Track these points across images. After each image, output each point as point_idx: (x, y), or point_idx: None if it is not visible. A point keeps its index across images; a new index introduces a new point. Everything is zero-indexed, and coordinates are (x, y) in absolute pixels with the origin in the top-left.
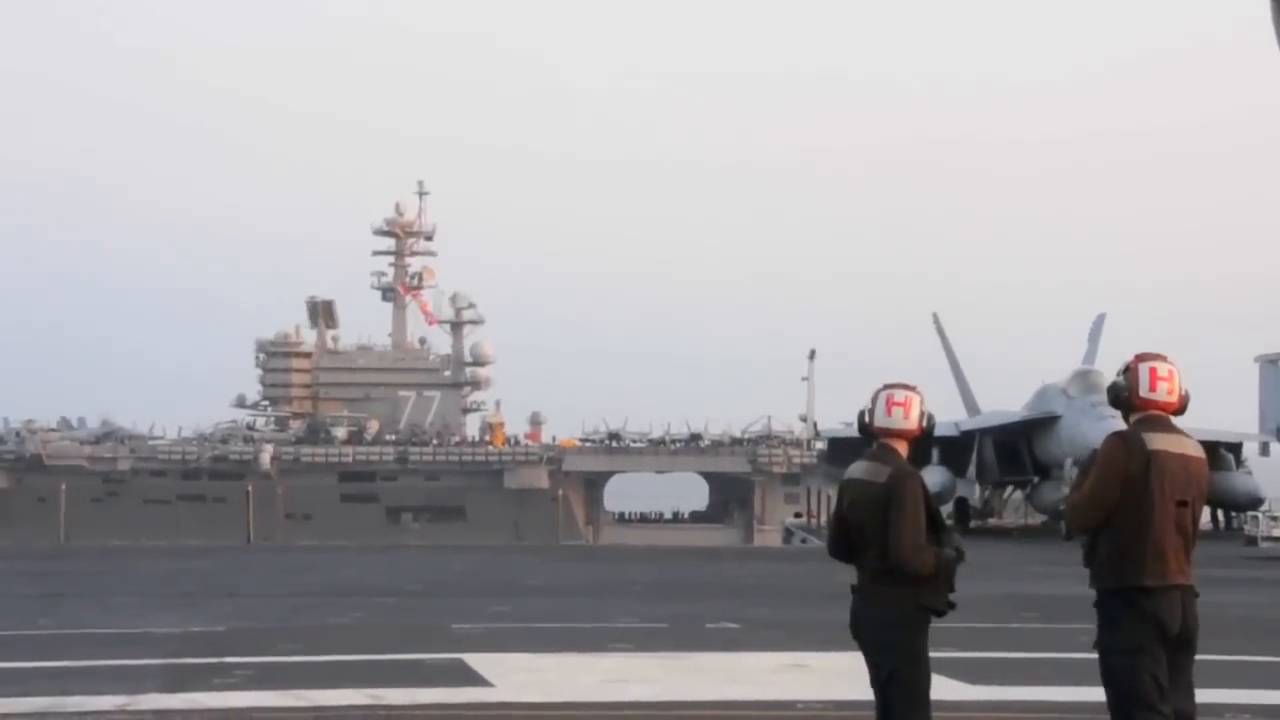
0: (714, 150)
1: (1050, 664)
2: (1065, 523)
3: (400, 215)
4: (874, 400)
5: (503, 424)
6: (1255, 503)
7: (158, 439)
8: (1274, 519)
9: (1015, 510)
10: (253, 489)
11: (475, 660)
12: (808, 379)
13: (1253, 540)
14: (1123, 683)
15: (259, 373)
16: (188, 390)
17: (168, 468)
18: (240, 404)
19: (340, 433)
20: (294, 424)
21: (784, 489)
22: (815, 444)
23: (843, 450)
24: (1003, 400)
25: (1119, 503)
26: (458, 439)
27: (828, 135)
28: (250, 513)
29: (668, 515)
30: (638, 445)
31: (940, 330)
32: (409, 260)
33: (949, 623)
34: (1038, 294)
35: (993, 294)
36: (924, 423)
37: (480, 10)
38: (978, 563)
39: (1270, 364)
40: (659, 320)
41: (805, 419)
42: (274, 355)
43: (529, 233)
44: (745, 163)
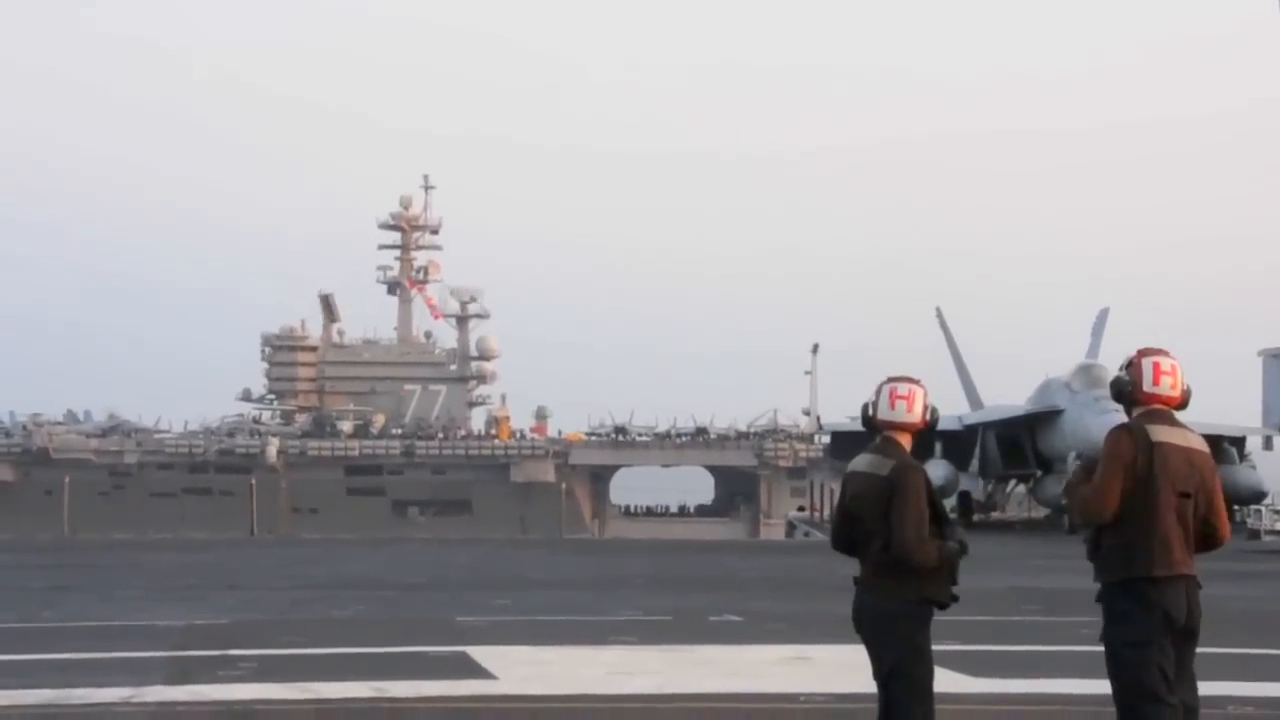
0: (720, 144)
1: (1053, 657)
2: (1072, 516)
3: (406, 209)
4: (877, 393)
5: (508, 418)
6: (1258, 496)
7: (164, 432)
8: (1277, 513)
9: (1018, 504)
10: (256, 482)
11: (478, 653)
12: (810, 373)
13: (1256, 534)
14: (1131, 676)
15: (264, 366)
16: (193, 384)
17: (174, 461)
18: (246, 398)
19: (346, 426)
20: (299, 418)
21: (790, 483)
22: (818, 438)
23: (846, 444)
24: (1006, 394)
25: (1127, 494)
26: (463, 433)
27: (833, 129)
28: (254, 506)
29: (674, 509)
30: (644, 439)
31: (943, 324)
32: (414, 254)
33: (951, 615)
34: (1041, 288)
35: (996, 288)
36: (927, 416)
37: (487, 5)
38: (980, 556)
39: (1274, 358)
40: (665, 314)
41: (808, 413)
42: (279, 349)
43: (534, 227)
44: (752, 156)
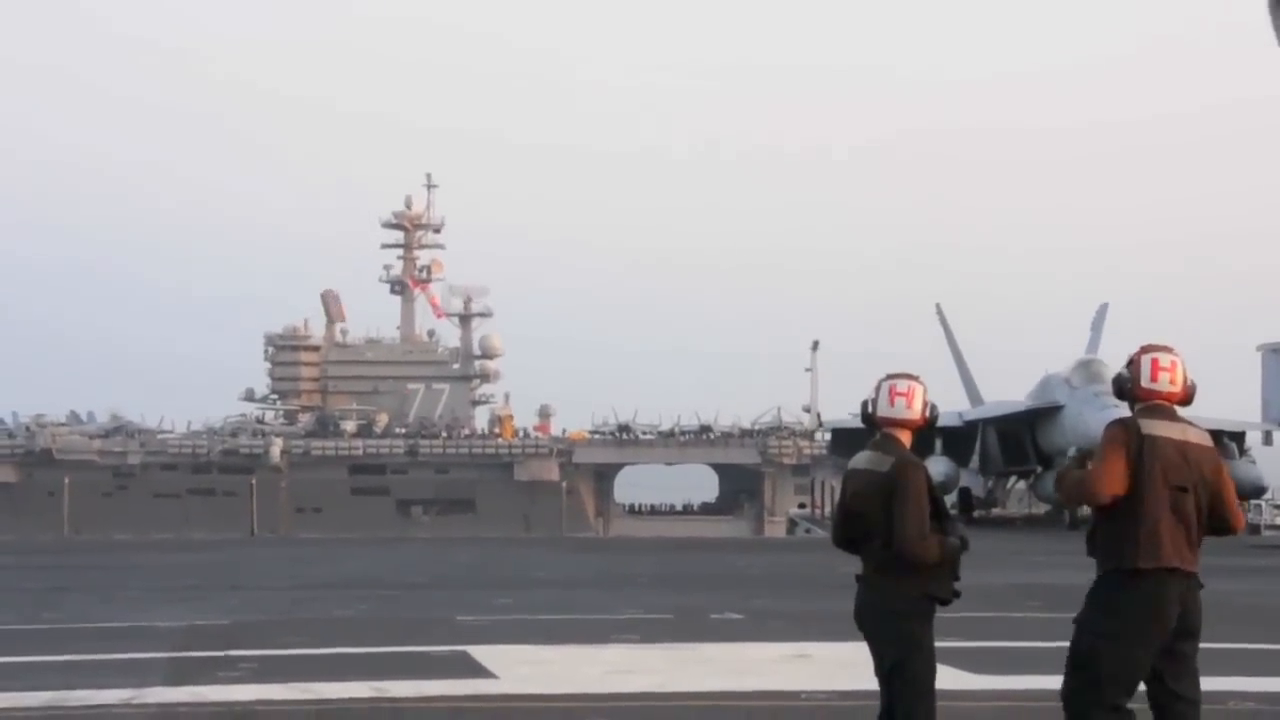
0: (722, 142)
1: (1054, 653)
2: (1065, 498)
3: (409, 208)
4: (877, 390)
5: (511, 417)
6: (1258, 491)
7: (167, 433)
8: (1277, 508)
9: (1019, 500)
10: (257, 482)
11: (479, 652)
12: (811, 370)
13: (1256, 529)
14: (1079, 660)
15: (268, 366)
16: (196, 384)
17: (178, 461)
18: (249, 398)
19: (349, 426)
20: (303, 417)
21: (794, 480)
22: (818, 434)
23: (846, 441)
24: (1006, 390)
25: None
26: (467, 432)
27: (833, 128)
28: (254, 506)
29: (678, 507)
30: (647, 437)
31: (943, 321)
32: (417, 253)
33: (953, 612)
34: (1041, 284)
35: (996, 284)
36: (927, 412)
37: (490, 4)
38: (981, 552)
39: (1273, 353)
40: (668, 312)
41: (809, 410)
42: (282, 348)
43: (537, 225)
44: (753, 155)
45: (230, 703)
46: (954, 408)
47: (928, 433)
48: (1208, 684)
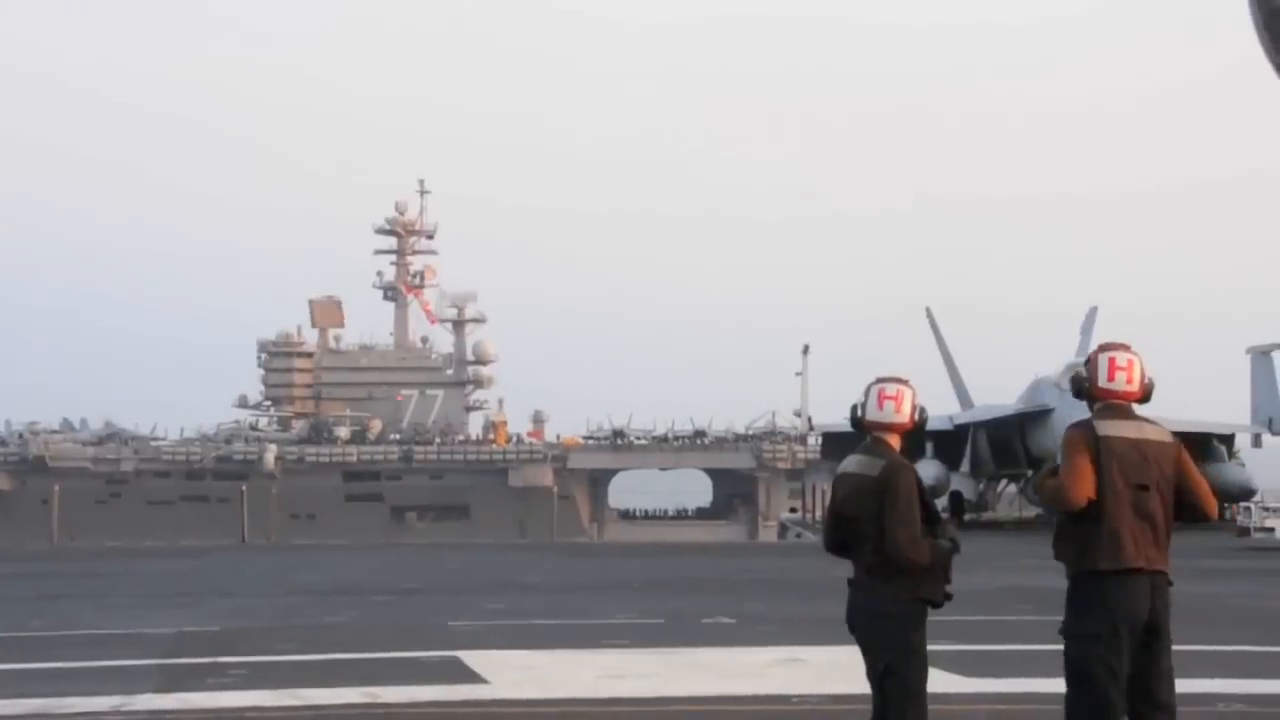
0: (718, 147)
1: (1045, 656)
2: (1059, 499)
3: (402, 214)
4: (866, 394)
5: (505, 422)
6: (1247, 494)
7: (160, 440)
8: (1266, 510)
9: (1009, 503)
10: (248, 489)
11: (471, 658)
12: (801, 374)
13: (1245, 531)
14: (1076, 669)
15: (261, 373)
16: (189, 391)
17: (171, 468)
18: (242, 404)
19: (343, 432)
20: (296, 424)
21: (788, 484)
22: (810, 438)
23: (837, 444)
24: (996, 394)
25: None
26: (461, 438)
27: (826, 132)
28: (244, 512)
29: (672, 512)
30: (641, 442)
31: (933, 324)
32: (410, 259)
33: (944, 615)
34: (1031, 287)
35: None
36: (916, 416)
37: (483, 10)
38: (972, 556)
39: (1262, 355)
40: (662, 316)
41: (799, 414)
42: (276, 355)
43: (530, 231)
44: (753, 159)
45: (220, 709)
46: (944, 411)
47: (918, 436)
48: (1198, 686)
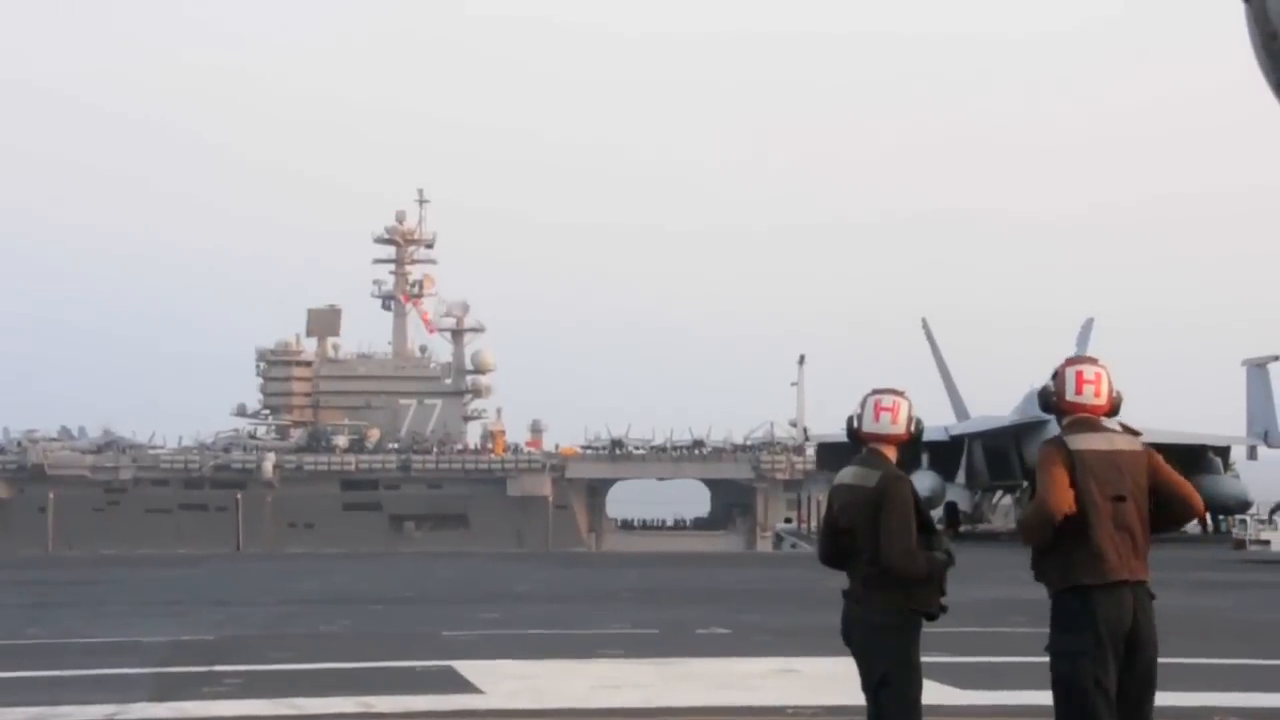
0: (717, 158)
1: (1040, 668)
2: (1042, 512)
3: (400, 223)
4: (862, 405)
5: (503, 432)
6: (1243, 506)
7: (158, 448)
8: (1261, 522)
9: (1004, 515)
10: (242, 498)
11: (465, 667)
12: (797, 384)
13: (1241, 543)
14: (1065, 685)
15: (259, 381)
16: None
17: (170, 477)
18: (241, 413)
19: (342, 441)
20: (295, 433)
21: (786, 495)
22: (807, 449)
23: (832, 455)
24: (992, 405)
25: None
26: (459, 447)
27: (828, 143)
28: (239, 521)
29: (669, 522)
30: (640, 452)
31: (929, 336)
32: (409, 268)
33: (939, 627)
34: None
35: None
36: (912, 427)
37: (480, 19)
38: (967, 567)
39: (1258, 368)
40: (660, 327)
41: (794, 424)
42: (274, 364)
43: (528, 240)
44: (751, 170)
45: (215, 718)
46: (940, 422)
47: (914, 447)
48: (1192, 699)
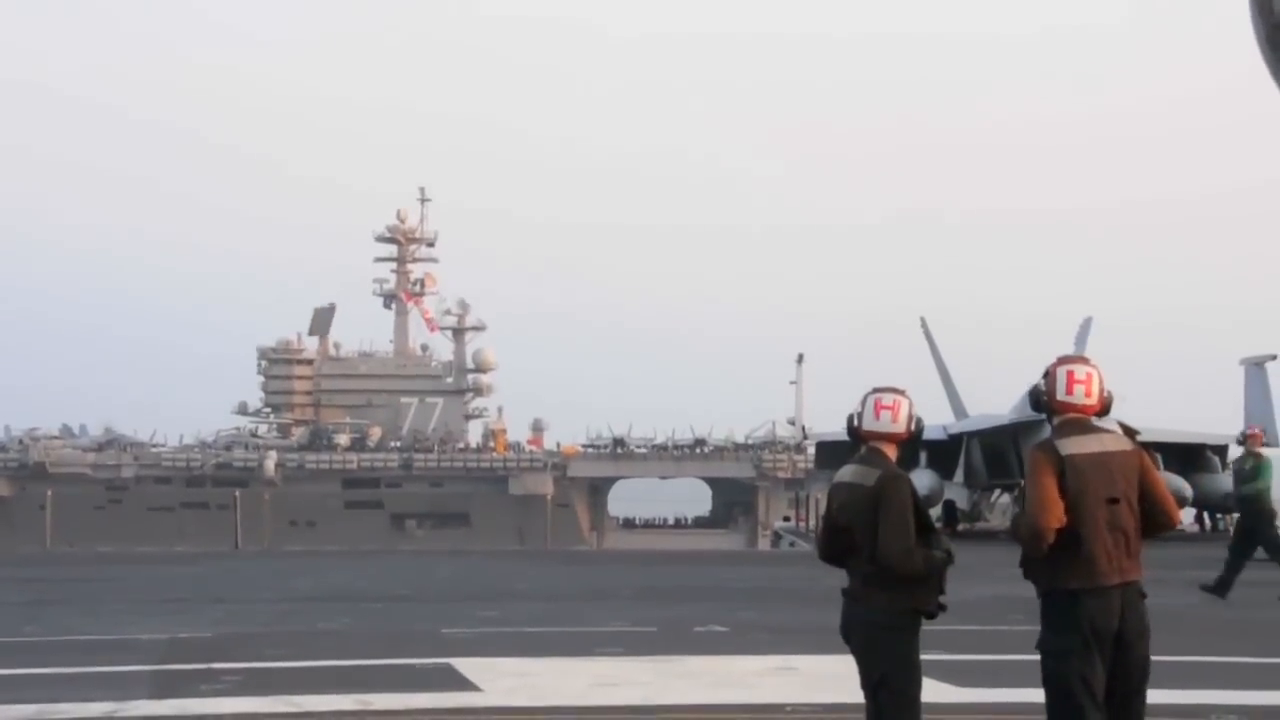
0: (718, 158)
1: (1038, 666)
2: (1034, 527)
3: (402, 222)
4: (862, 404)
5: (505, 430)
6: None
7: (160, 446)
8: None
9: (1003, 513)
10: (242, 496)
11: (463, 665)
12: (796, 382)
13: None
14: (1054, 684)
15: (261, 379)
16: (189, 398)
17: (171, 475)
18: (242, 411)
19: (343, 439)
20: (296, 431)
21: (787, 494)
22: (808, 448)
23: (832, 454)
24: (990, 404)
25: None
26: (461, 445)
27: (827, 143)
28: (238, 519)
29: (671, 521)
30: (641, 451)
31: (928, 335)
32: (411, 267)
33: (938, 625)
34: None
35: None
36: (912, 426)
37: (481, 19)
38: (965, 566)
39: (1255, 367)
40: (662, 326)
41: (793, 422)
42: (276, 362)
43: (530, 239)
44: (752, 170)
45: (214, 715)
46: (939, 421)
47: (913, 446)
48: (1189, 696)
